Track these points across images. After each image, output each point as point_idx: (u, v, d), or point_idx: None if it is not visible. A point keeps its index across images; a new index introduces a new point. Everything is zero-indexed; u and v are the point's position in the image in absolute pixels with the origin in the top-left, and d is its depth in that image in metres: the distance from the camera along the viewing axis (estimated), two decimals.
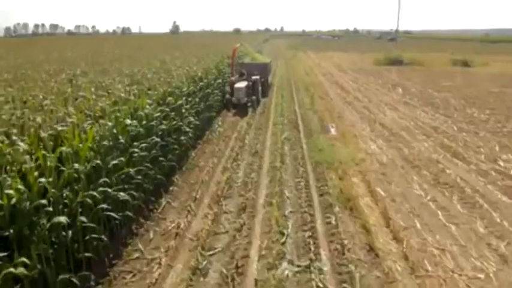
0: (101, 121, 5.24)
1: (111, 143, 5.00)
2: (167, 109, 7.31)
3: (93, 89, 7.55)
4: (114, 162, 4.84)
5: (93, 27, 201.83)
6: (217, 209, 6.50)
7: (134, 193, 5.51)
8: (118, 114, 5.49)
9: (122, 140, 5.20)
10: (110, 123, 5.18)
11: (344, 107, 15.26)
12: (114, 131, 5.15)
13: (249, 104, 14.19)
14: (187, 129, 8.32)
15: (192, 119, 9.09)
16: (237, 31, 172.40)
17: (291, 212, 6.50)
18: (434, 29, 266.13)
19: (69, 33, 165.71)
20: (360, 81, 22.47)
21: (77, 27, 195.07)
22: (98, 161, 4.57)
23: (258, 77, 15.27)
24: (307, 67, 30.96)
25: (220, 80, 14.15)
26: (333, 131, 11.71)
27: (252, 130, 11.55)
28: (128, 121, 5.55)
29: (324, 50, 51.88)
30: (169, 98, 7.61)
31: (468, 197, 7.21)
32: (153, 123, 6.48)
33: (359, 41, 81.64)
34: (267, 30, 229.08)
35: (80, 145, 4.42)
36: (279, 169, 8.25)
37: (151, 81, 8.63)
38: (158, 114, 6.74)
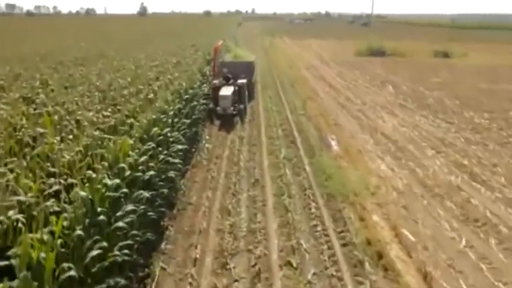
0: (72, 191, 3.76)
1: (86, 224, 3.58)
2: (153, 145, 5.84)
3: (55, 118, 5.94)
4: (93, 253, 3.44)
5: (55, 7, 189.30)
6: (225, 276, 5.23)
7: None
8: (93, 175, 4.02)
9: (102, 217, 3.78)
10: (83, 193, 3.74)
11: (338, 111, 14.16)
12: (90, 202, 3.73)
13: (235, 112, 12.36)
14: (176, 160, 6.88)
15: (179, 146, 7.61)
16: (207, 13, 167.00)
17: (314, 274, 5.33)
18: (403, 13, 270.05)
19: (28, 13, 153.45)
20: (347, 77, 21.46)
21: (37, 7, 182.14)
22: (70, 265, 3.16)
23: (244, 80, 13.37)
24: (288, 58, 29.59)
25: (205, 87, 12.54)
26: (334, 144, 10.60)
27: (245, 146, 10.20)
28: (108, 181, 4.12)
29: (301, 36, 50.52)
30: (155, 129, 6.14)
31: (506, 240, 6.34)
32: (139, 173, 5.06)
33: (332, 25, 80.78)
34: (238, 12, 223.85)
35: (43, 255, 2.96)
36: (287, 206, 7.02)
37: (129, 102, 7.06)
38: (143, 158, 5.27)
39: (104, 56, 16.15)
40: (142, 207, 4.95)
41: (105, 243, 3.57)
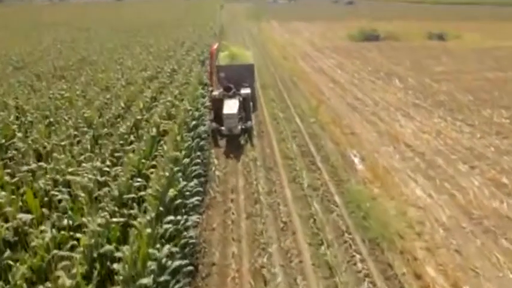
0: None
1: None
2: (170, 218, 4.63)
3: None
4: None
5: None
6: None
7: None
8: None
9: None
10: None
11: (350, 114, 13.09)
12: None
13: (242, 130, 10.61)
14: (194, 218, 5.70)
15: (192, 183, 6.43)
16: None
17: None
18: None
19: None
20: (348, 68, 20.31)
21: None
22: None
23: (248, 90, 11.59)
24: (280, 47, 28.07)
25: (206, 100, 11.09)
26: (357, 162, 9.60)
27: (260, 172, 9.04)
28: None
29: (287, 19, 48.64)
30: (171, 192, 4.93)
31: None
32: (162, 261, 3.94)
33: (316, 5, 78.33)
34: None
35: None
36: (328, 262, 6.01)
37: (133, 155, 5.78)
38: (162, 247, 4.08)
39: (87, 63, 14.51)
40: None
41: None
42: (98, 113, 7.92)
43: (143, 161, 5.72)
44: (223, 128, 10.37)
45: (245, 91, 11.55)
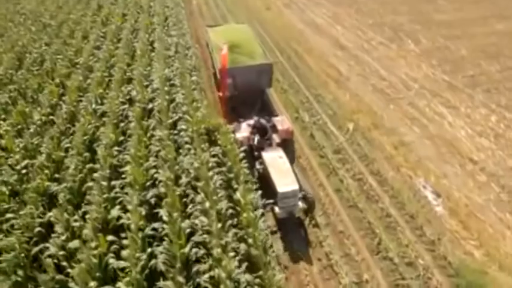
0: None
1: None
2: None
3: None
4: None
5: None
6: None
7: None
8: None
9: None
10: None
11: (384, 106, 11.11)
12: None
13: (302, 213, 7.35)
14: None
15: None
16: None
17: None
18: None
19: None
20: (346, 23, 17.44)
21: None
22: None
23: (289, 126, 8.40)
24: None
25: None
26: (432, 199, 8.07)
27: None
28: None
29: None
30: None
31: None
32: None
33: None
34: None
35: None
36: None
37: None
38: None
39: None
40: None
41: None
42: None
43: None
44: (278, 210, 6.97)
45: (284, 126, 8.33)
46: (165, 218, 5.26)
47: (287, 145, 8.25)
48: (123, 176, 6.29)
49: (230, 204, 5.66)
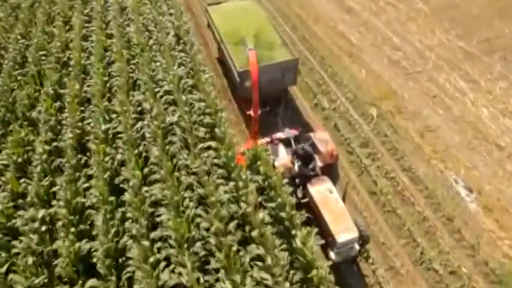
0: None
1: None
2: None
3: None
4: None
5: None
6: None
7: None
8: None
9: None
10: None
11: (404, 85, 10.55)
12: None
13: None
14: None
15: None
16: None
17: None
18: None
19: None
20: None
21: None
22: None
23: (333, 148, 7.58)
24: None
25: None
26: (465, 196, 8.05)
27: None
28: None
29: None
30: None
31: None
32: None
33: None
34: None
35: None
36: None
37: None
38: None
39: None
40: None
41: None
42: None
43: None
44: (333, 256, 6.42)
45: (328, 148, 7.47)
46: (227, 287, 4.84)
47: (330, 171, 7.50)
48: (161, 226, 5.72)
49: (289, 251, 5.35)
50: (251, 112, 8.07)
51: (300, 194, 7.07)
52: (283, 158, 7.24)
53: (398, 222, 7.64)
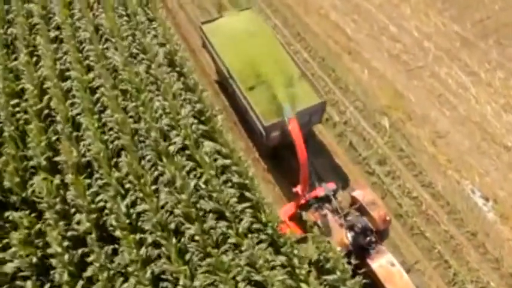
0: None
1: None
2: None
3: None
4: None
5: None
6: None
7: None
8: None
9: None
10: None
11: (406, 81, 10.30)
12: None
13: None
14: None
15: None
16: None
17: None
18: None
19: None
20: None
21: None
22: None
23: (385, 212, 7.18)
24: None
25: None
26: (481, 205, 8.43)
27: None
28: None
29: None
30: None
31: None
32: None
33: None
34: None
35: None
36: None
37: None
38: None
39: None
40: None
41: None
42: None
43: None
44: None
45: (380, 213, 7.01)
46: None
47: (381, 236, 7.20)
48: None
49: None
50: (298, 189, 7.38)
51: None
52: (337, 232, 6.84)
53: (427, 245, 7.94)
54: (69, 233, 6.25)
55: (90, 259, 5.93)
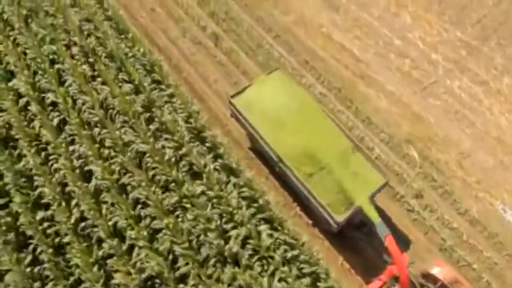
0: None
1: None
2: None
3: None
4: None
5: None
6: None
7: None
8: None
9: None
10: None
11: (422, 101, 10.41)
12: None
13: None
14: None
15: None
16: None
17: None
18: None
19: None
20: None
21: None
22: None
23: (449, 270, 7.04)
24: None
25: None
26: None
27: None
28: None
29: None
30: None
31: None
32: None
33: None
34: None
35: None
36: None
37: None
38: None
39: None
40: None
41: None
42: None
43: None
44: None
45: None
46: None
47: None
48: None
49: None
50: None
51: None
52: None
53: (475, 275, 8.46)
54: None
55: None
